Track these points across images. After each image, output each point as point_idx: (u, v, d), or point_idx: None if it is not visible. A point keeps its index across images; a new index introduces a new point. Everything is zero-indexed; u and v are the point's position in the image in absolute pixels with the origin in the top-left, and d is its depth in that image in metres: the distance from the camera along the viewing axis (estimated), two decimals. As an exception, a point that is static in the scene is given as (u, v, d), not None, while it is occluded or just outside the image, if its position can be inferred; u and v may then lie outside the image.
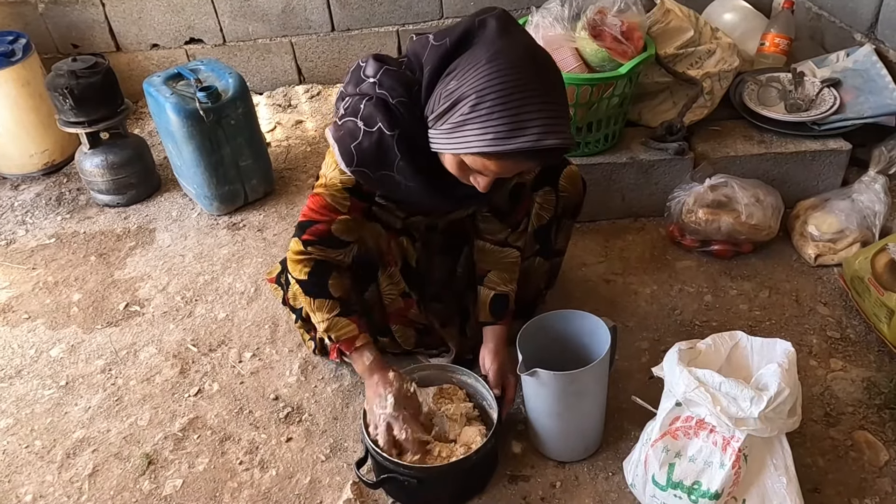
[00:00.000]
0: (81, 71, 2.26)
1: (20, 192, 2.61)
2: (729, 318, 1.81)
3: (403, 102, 1.22)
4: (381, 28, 2.98)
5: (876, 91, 2.05)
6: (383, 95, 1.23)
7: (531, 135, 1.11)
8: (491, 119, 1.11)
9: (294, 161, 2.65)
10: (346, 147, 1.26)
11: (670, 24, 2.04)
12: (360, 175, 1.29)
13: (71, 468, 1.59)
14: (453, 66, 1.16)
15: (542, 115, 1.11)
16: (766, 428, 1.19)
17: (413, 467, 1.39)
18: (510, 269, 1.57)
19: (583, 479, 1.47)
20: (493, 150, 1.13)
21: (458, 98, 1.13)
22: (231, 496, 1.50)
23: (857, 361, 1.66)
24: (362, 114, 1.25)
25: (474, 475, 1.45)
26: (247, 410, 1.68)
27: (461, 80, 1.13)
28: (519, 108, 1.10)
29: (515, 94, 1.10)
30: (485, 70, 1.11)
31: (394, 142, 1.23)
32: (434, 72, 1.19)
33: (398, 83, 1.23)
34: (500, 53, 1.12)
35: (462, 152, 1.18)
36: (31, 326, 1.99)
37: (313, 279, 1.41)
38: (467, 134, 1.14)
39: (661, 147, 2.05)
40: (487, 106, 1.11)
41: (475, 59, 1.13)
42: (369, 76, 1.26)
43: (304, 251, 1.40)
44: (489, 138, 1.12)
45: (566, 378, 1.35)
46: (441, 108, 1.17)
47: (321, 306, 1.43)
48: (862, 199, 1.94)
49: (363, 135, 1.25)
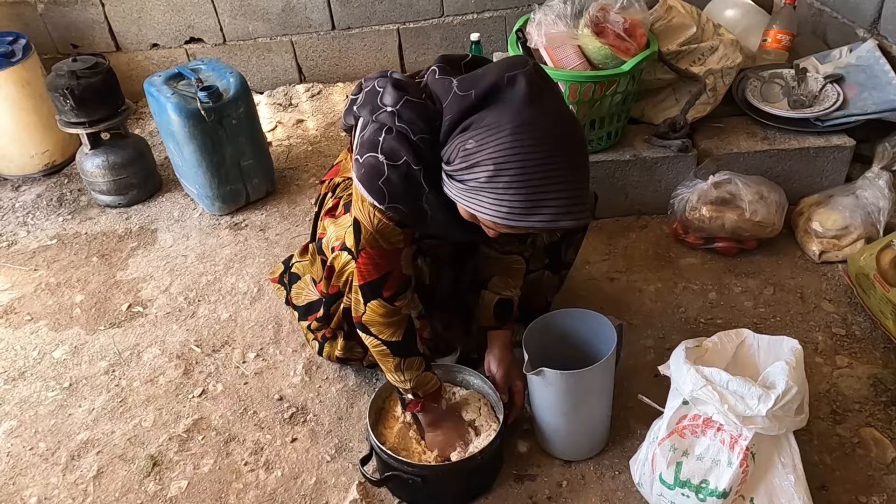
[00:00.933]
0: (82, 71, 2.25)
1: (21, 193, 2.60)
2: (734, 316, 1.80)
3: (425, 140, 1.15)
4: (382, 26, 2.97)
5: (879, 87, 2.04)
6: (403, 129, 1.15)
7: (546, 215, 1.06)
8: (507, 194, 1.06)
9: (295, 160, 2.64)
10: (375, 185, 1.18)
11: (673, 21, 2.03)
12: (394, 210, 1.21)
13: (75, 470, 1.58)
14: (473, 121, 1.10)
15: (560, 195, 1.06)
16: (773, 426, 1.19)
17: (417, 465, 1.40)
18: (515, 274, 1.55)
19: (589, 478, 1.46)
20: (505, 224, 1.10)
21: (475, 162, 1.08)
22: (236, 497, 1.50)
23: (863, 358, 1.66)
24: (382, 147, 1.16)
25: (479, 475, 1.45)
26: (251, 411, 1.68)
27: (480, 143, 1.07)
28: (537, 188, 1.05)
29: (536, 172, 1.05)
30: (507, 141, 1.05)
31: (421, 175, 1.17)
32: (454, 123, 1.12)
33: (419, 118, 1.15)
34: (525, 126, 1.06)
35: (474, 212, 1.13)
36: (33, 328, 1.98)
37: (408, 339, 1.37)
38: (481, 200, 1.09)
39: (665, 144, 2.04)
40: (505, 181, 1.05)
41: (498, 123, 1.07)
42: (387, 105, 1.18)
43: (394, 309, 1.33)
44: (503, 212, 1.08)
45: (572, 377, 1.34)
46: (458, 166, 1.11)
47: (411, 365, 1.39)
48: (866, 195, 1.93)
49: (388, 169, 1.16)
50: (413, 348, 1.39)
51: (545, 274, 1.64)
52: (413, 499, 1.45)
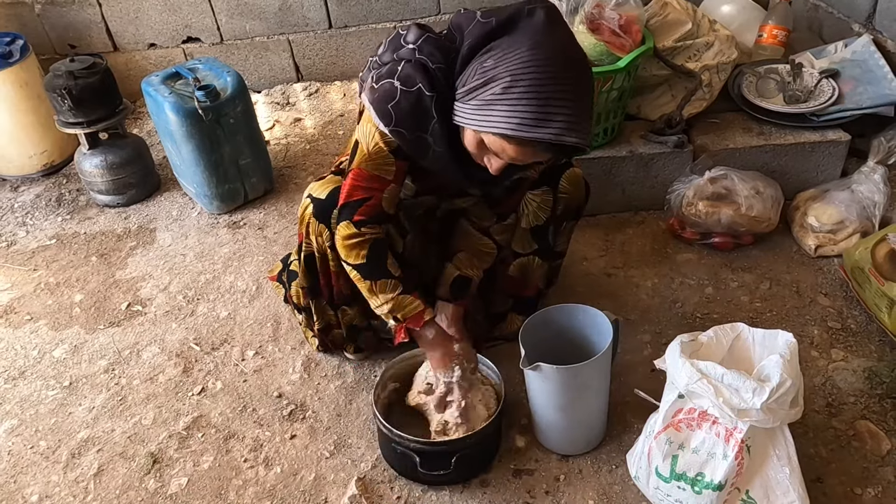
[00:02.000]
0: (79, 71, 2.25)
1: (20, 193, 2.60)
2: (730, 310, 1.81)
3: (442, 69, 1.23)
4: (379, 24, 2.97)
5: (874, 81, 2.05)
6: (423, 60, 1.23)
7: (554, 128, 1.13)
8: (520, 104, 1.12)
9: (293, 159, 2.65)
10: (384, 107, 1.25)
11: (668, 17, 2.04)
12: (397, 135, 1.27)
13: (76, 468, 1.59)
14: (494, 44, 1.18)
15: (568, 111, 1.13)
16: (768, 419, 1.19)
17: (417, 441, 1.42)
18: (481, 256, 1.57)
19: (586, 472, 1.47)
20: (515, 135, 1.14)
21: (492, 77, 1.15)
22: (236, 494, 1.50)
23: (859, 351, 1.67)
24: (399, 74, 1.24)
25: (478, 453, 1.47)
26: (250, 408, 1.69)
27: (499, 61, 1.15)
28: (548, 99, 1.12)
29: (548, 85, 1.12)
30: (524, 56, 1.13)
31: (432, 103, 1.23)
32: (474, 47, 1.20)
33: (438, 50, 1.24)
34: (541, 44, 1.14)
35: (485, 130, 1.18)
36: (33, 327, 1.99)
37: (373, 261, 1.39)
38: (494, 113, 1.15)
39: (661, 140, 2.05)
40: (519, 91, 1.12)
41: (517, 43, 1.15)
42: (409, 42, 1.27)
43: (357, 233, 1.37)
44: (514, 122, 1.13)
45: (569, 372, 1.35)
46: (474, 84, 1.18)
47: (384, 287, 1.41)
48: (861, 190, 1.94)
49: (401, 94, 1.24)
50: (382, 271, 1.40)
51: (535, 260, 1.65)
52: (412, 474, 1.47)
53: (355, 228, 1.37)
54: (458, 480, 1.47)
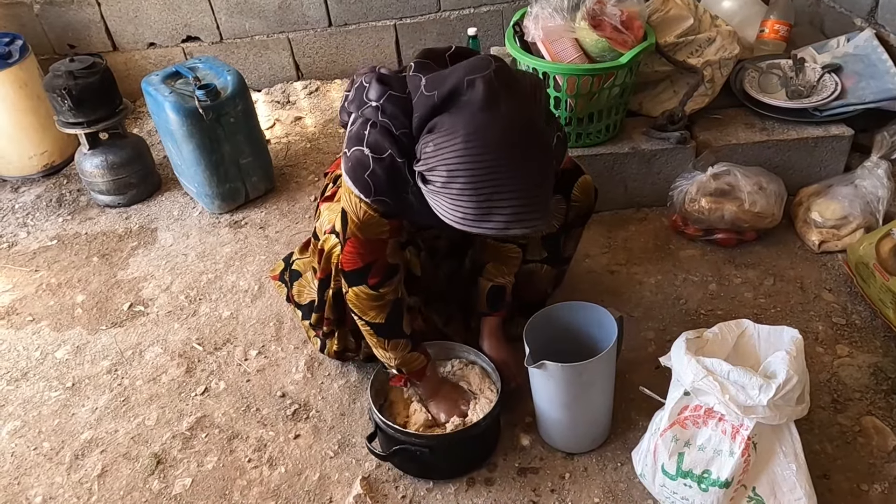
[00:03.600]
0: (79, 71, 2.24)
1: (20, 194, 2.60)
2: (734, 307, 1.81)
3: (406, 134, 1.19)
4: (379, 22, 2.96)
5: (877, 76, 2.04)
6: (386, 124, 1.19)
7: (496, 223, 1.10)
8: (459, 201, 1.10)
9: (294, 157, 2.64)
10: (361, 178, 1.22)
11: (670, 13, 2.03)
12: (380, 204, 1.26)
13: (80, 469, 1.59)
14: (434, 124, 1.13)
15: (511, 203, 1.09)
16: (774, 415, 1.19)
17: (423, 436, 1.43)
18: (509, 262, 1.57)
19: (592, 470, 1.47)
20: (462, 228, 1.14)
21: (433, 166, 1.12)
22: (240, 494, 1.50)
23: (864, 347, 1.67)
24: (367, 141, 1.21)
25: (481, 443, 1.49)
26: (254, 408, 1.68)
27: (437, 149, 1.11)
28: (488, 196, 1.08)
29: (486, 181, 1.08)
30: (459, 148, 1.08)
31: (405, 168, 1.20)
32: (420, 122, 1.16)
33: (401, 112, 1.19)
34: (477, 133, 1.08)
35: (438, 213, 1.17)
36: (35, 328, 1.99)
37: (391, 322, 1.39)
38: (441, 203, 1.14)
39: (663, 136, 2.04)
40: (457, 188, 1.09)
41: (453, 129, 1.10)
42: (371, 100, 1.22)
43: (378, 294, 1.36)
44: (458, 216, 1.12)
45: (574, 370, 1.35)
46: (421, 167, 1.15)
47: (396, 346, 1.42)
48: (865, 185, 1.93)
49: (373, 162, 1.20)
50: (397, 331, 1.41)
51: (543, 267, 1.65)
52: (418, 470, 1.48)
53: (374, 291, 1.35)
54: (447, 476, 1.49)
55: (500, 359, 1.56)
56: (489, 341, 1.59)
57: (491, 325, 1.59)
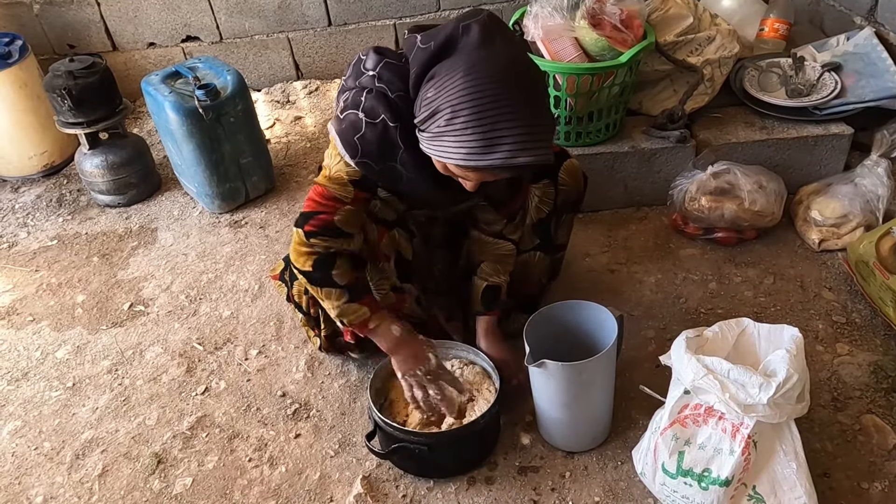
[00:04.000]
0: (79, 71, 2.25)
1: (20, 194, 2.60)
2: (734, 305, 1.81)
3: (402, 97, 1.22)
4: (379, 22, 2.96)
5: (877, 74, 2.04)
6: (382, 89, 1.23)
7: (503, 152, 1.12)
8: (464, 135, 1.12)
9: (294, 157, 2.64)
10: (350, 139, 1.26)
11: (669, 12, 2.03)
12: (363, 167, 1.29)
13: (80, 469, 1.59)
14: (434, 72, 1.16)
15: (515, 131, 1.11)
16: (775, 414, 1.19)
17: (422, 434, 1.43)
18: (503, 260, 1.58)
19: (592, 468, 1.47)
20: (466, 165, 1.15)
21: (435, 109, 1.14)
22: (241, 493, 1.50)
23: (864, 346, 1.67)
24: (363, 106, 1.25)
25: (480, 441, 1.49)
26: (254, 408, 1.69)
27: (438, 91, 1.14)
28: (492, 125, 1.11)
29: (489, 110, 1.10)
30: (460, 84, 1.11)
31: (397, 133, 1.24)
32: (418, 76, 1.19)
33: (396, 77, 1.23)
34: (476, 66, 1.12)
35: (440, 159, 1.19)
36: (35, 328, 1.99)
37: (318, 272, 1.40)
38: (444, 145, 1.16)
39: (663, 135, 2.04)
40: (461, 122, 1.11)
41: (453, 69, 1.13)
42: (369, 69, 1.26)
43: (306, 243, 1.38)
44: (463, 153, 1.13)
45: (574, 368, 1.35)
46: (422, 115, 1.18)
47: (329, 295, 1.42)
48: (865, 183, 1.93)
49: (366, 126, 1.24)
50: (327, 280, 1.41)
51: (537, 255, 1.66)
52: (418, 468, 1.48)
53: (305, 238, 1.38)
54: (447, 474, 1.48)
55: (500, 357, 1.56)
56: (486, 340, 1.59)
57: (487, 325, 1.60)
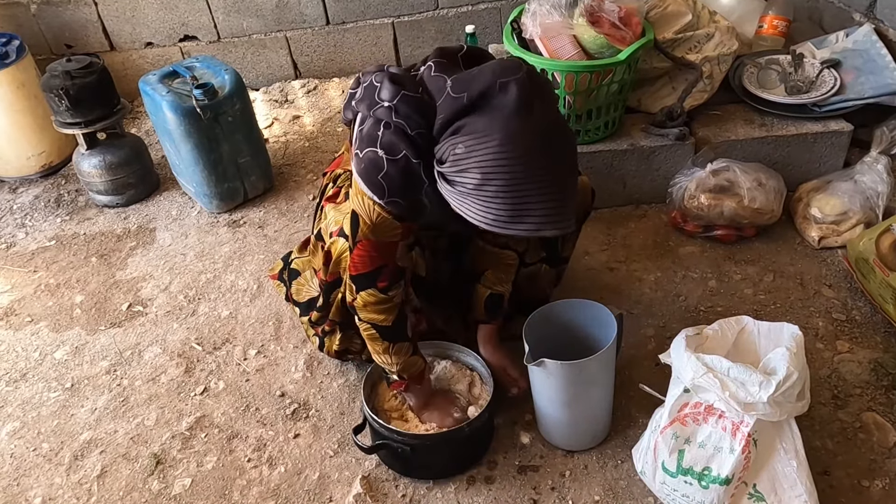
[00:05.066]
0: (76, 71, 2.24)
1: (18, 194, 2.59)
2: (734, 303, 1.80)
3: (422, 134, 1.17)
4: (377, 20, 2.96)
5: (876, 71, 2.03)
6: (401, 125, 1.18)
7: (530, 224, 1.10)
8: (493, 203, 1.10)
9: (292, 157, 2.64)
10: (374, 180, 1.21)
11: (668, 9, 2.02)
12: (393, 205, 1.24)
13: (79, 470, 1.59)
14: (465, 125, 1.12)
15: (544, 206, 1.10)
16: (775, 412, 1.19)
17: (407, 434, 1.42)
18: (507, 270, 1.57)
19: (592, 467, 1.47)
20: (491, 229, 1.13)
21: (464, 168, 1.10)
22: (240, 494, 1.50)
23: (864, 343, 1.66)
24: (381, 142, 1.19)
25: (467, 447, 1.48)
26: (253, 408, 1.68)
27: (469, 150, 1.10)
28: (522, 199, 1.09)
29: (521, 184, 1.08)
30: (494, 152, 1.08)
31: (420, 169, 1.19)
32: (445, 123, 1.15)
33: (416, 112, 1.18)
34: (512, 138, 1.08)
35: (463, 215, 1.16)
36: (34, 329, 1.98)
37: (397, 325, 1.39)
38: (470, 205, 1.13)
39: (662, 133, 2.04)
40: (491, 190, 1.09)
41: (488, 133, 1.08)
42: (384, 100, 1.20)
43: (386, 298, 1.35)
44: (489, 218, 1.11)
45: (573, 367, 1.34)
46: (447, 169, 1.14)
47: (399, 350, 1.41)
48: (864, 180, 1.93)
49: (388, 164, 1.19)
50: (402, 334, 1.41)
51: (543, 267, 1.65)
52: (402, 467, 1.48)
53: (384, 294, 1.34)
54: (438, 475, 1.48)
55: (500, 366, 1.55)
56: (486, 349, 1.58)
57: (488, 333, 1.59)
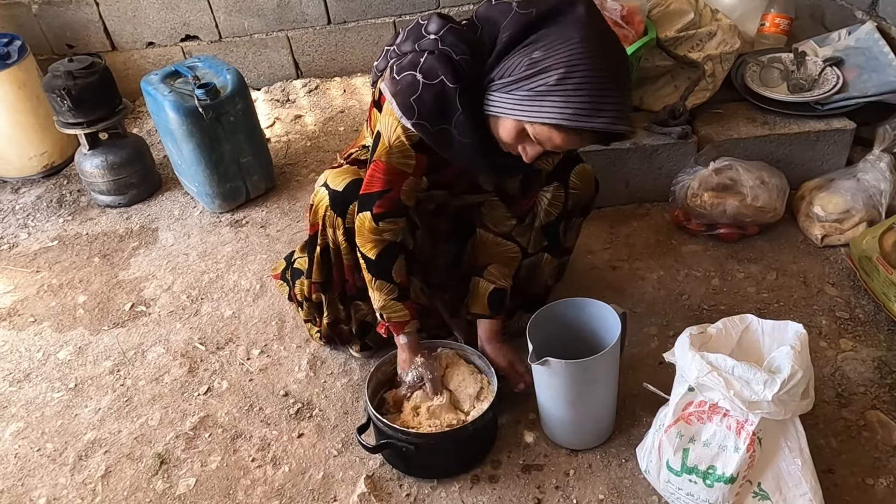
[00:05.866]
0: (78, 71, 2.24)
1: (21, 195, 2.60)
2: (737, 302, 1.80)
3: (467, 60, 1.22)
4: (378, 19, 2.96)
5: (879, 69, 2.03)
6: (446, 51, 1.23)
7: (607, 117, 1.14)
8: (576, 94, 1.12)
9: (294, 156, 2.64)
10: (406, 100, 1.25)
11: (670, 7, 2.02)
12: (419, 128, 1.26)
13: (83, 470, 1.59)
14: (538, 36, 1.17)
15: (617, 101, 1.15)
16: (779, 410, 1.18)
17: (411, 433, 1.42)
18: (510, 263, 1.58)
19: (596, 466, 1.47)
20: (570, 125, 1.14)
21: (545, 67, 1.14)
22: (245, 493, 1.50)
23: (867, 341, 1.66)
24: (422, 66, 1.24)
25: (471, 446, 1.48)
26: (257, 407, 1.68)
27: (548, 52, 1.14)
28: (602, 90, 1.13)
29: (602, 77, 1.13)
30: (576, 48, 1.12)
31: (456, 95, 1.22)
32: (514, 38, 1.19)
33: (462, 41, 1.23)
34: (590, 36, 1.14)
35: (534, 120, 1.17)
36: (37, 329, 1.99)
37: (380, 261, 1.41)
38: (546, 104, 1.15)
39: (665, 131, 2.04)
40: (575, 81, 1.12)
41: (566, 34, 1.14)
42: (431, 33, 1.26)
43: (376, 227, 1.38)
44: (569, 112, 1.13)
45: (577, 366, 1.34)
46: (521, 74, 1.16)
47: (381, 287, 1.44)
48: (867, 178, 1.93)
49: (423, 87, 1.23)
50: (386, 272, 1.43)
51: (545, 256, 1.65)
52: (406, 466, 1.48)
53: (374, 223, 1.38)
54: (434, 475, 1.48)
55: (504, 362, 1.56)
56: (490, 345, 1.58)
57: (491, 329, 1.58)
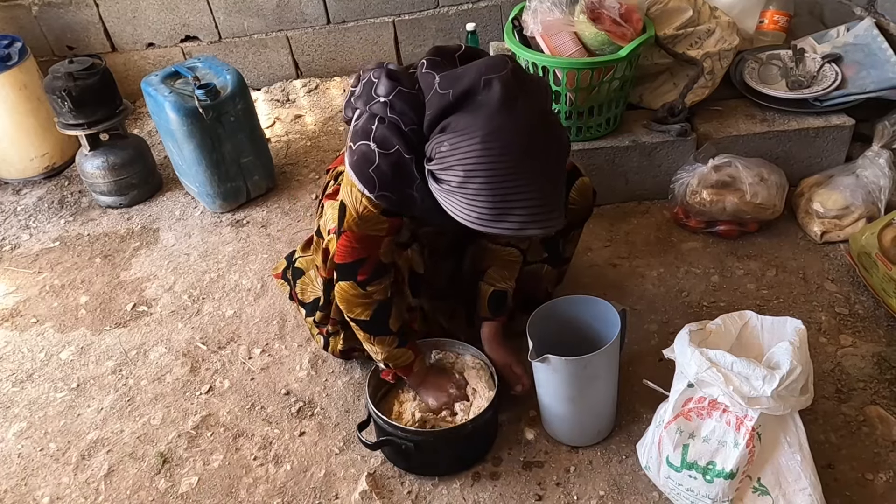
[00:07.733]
0: (79, 73, 2.25)
1: (22, 196, 2.60)
2: (737, 298, 1.81)
3: (415, 130, 1.19)
4: (378, 19, 2.96)
5: (878, 65, 2.03)
6: (395, 120, 1.20)
7: (512, 223, 1.11)
8: (476, 201, 1.11)
9: (295, 156, 2.64)
10: (365, 173, 1.22)
11: (669, 5, 2.02)
12: (383, 199, 1.25)
13: (86, 469, 1.60)
14: (449, 123, 1.13)
15: (527, 203, 1.10)
16: (779, 406, 1.19)
17: (411, 431, 1.43)
18: (510, 266, 1.57)
19: (597, 463, 1.47)
20: (477, 227, 1.13)
21: (448, 166, 1.12)
22: (247, 492, 1.51)
23: (867, 337, 1.66)
24: (374, 136, 1.21)
25: (471, 444, 1.48)
26: (259, 406, 1.69)
27: (453, 148, 1.11)
28: (504, 196, 1.09)
29: (503, 182, 1.09)
30: (477, 149, 1.08)
31: (413, 164, 1.20)
32: (433, 120, 1.16)
33: (409, 107, 1.19)
34: (494, 134, 1.08)
35: (453, 213, 1.17)
36: (39, 330, 1.99)
37: (376, 320, 1.40)
38: (454, 202, 1.14)
39: (664, 129, 2.04)
40: (473, 188, 1.10)
41: (470, 130, 1.09)
42: (380, 95, 1.22)
43: (364, 293, 1.36)
44: (473, 216, 1.13)
45: (578, 363, 1.35)
46: (435, 166, 1.15)
47: (381, 342, 1.43)
48: (866, 175, 1.93)
49: (379, 157, 1.20)
50: (383, 328, 1.42)
51: (545, 267, 1.66)
52: (406, 464, 1.48)
53: (361, 289, 1.36)
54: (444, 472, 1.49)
55: (504, 364, 1.56)
56: (490, 346, 1.58)
57: (492, 330, 1.59)
